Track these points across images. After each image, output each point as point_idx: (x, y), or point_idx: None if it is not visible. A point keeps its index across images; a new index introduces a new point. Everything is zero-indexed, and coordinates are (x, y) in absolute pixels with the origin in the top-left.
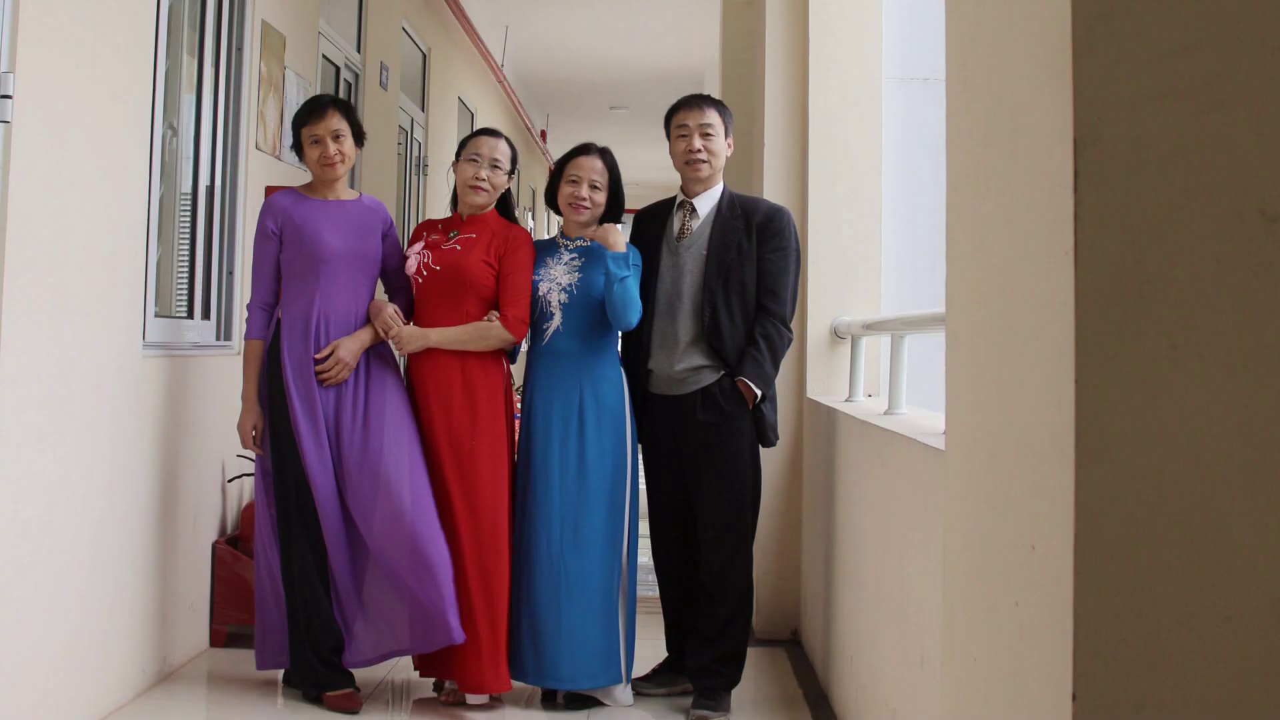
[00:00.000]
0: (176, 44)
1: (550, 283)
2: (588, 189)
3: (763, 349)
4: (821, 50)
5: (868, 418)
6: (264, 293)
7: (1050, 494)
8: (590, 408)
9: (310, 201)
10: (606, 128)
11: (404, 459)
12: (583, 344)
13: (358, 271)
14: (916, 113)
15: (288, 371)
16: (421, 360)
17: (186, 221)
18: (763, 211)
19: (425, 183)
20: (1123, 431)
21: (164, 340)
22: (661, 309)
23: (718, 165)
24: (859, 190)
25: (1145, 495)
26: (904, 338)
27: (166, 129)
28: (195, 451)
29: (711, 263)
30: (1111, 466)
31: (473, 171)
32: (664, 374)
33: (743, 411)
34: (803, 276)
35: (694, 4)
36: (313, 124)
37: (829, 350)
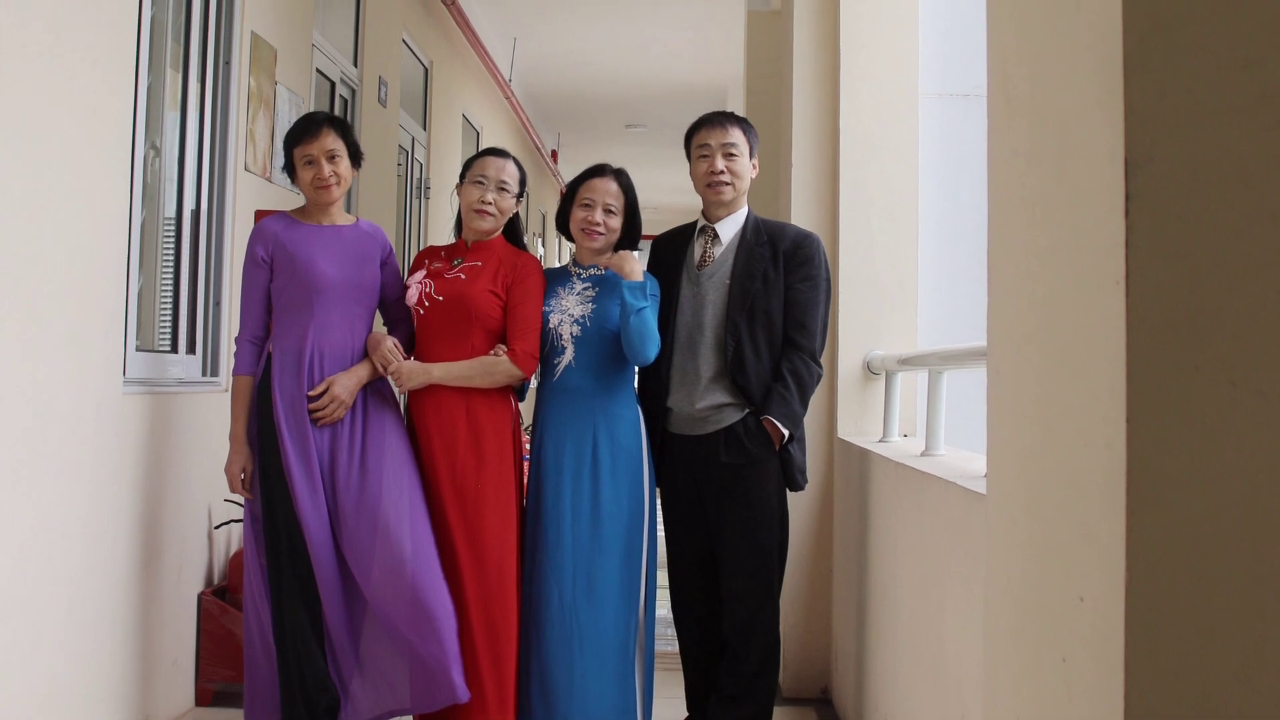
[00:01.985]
0: (159, 57)
1: (561, 314)
2: (602, 213)
3: (790, 386)
4: (853, 64)
5: (903, 459)
6: (253, 325)
7: (1100, 541)
8: (605, 449)
9: (303, 227)
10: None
11: (404, 504)
12: (596, 380)
13: (354, 302)
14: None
15: (279, 410)
16: (423, 398)
17: (170, 248)
18: (790, 238)
19: (427, 207)
20: (1178, 474)
21: (146, 376)
22: (681, 342)
23: (742, 188)
24: (894, 214)
25: (1202, 543)
26: (942, 373)
27: (149, 148)
28: (180, 496)
29: (735, 293)
30: (1166, 512)
31: (478, 195)
32: (684, 413)
33: (769, 453)
34: (833, 307)
35: (716, 14)
36: (306, 143)
37: (861, 387)
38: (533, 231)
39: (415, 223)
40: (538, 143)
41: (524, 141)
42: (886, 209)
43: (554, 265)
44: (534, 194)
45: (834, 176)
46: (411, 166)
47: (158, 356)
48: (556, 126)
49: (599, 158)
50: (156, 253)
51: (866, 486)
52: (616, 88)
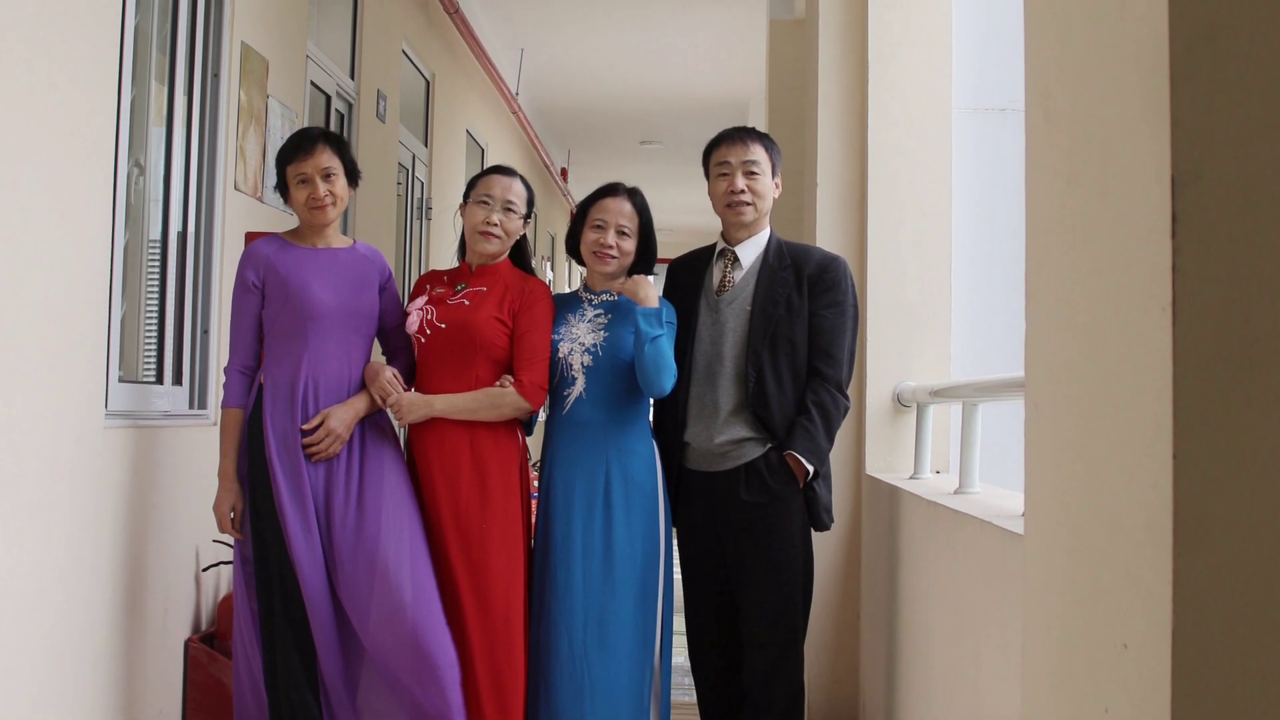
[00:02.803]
0: (143, 70)
1: (572, 343)
2: (615, 235)
3: (815, 419)
4: (883, 76)
5: (936, 497)
6: (244, 354)
7: (1145, 585)
8: (618, 486)
9: (297, 250)
10: (636, 165)
11: (404, 545)
12: (609, 413)
13: (351, 330)
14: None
15: (271, 445)
16: (424, 432)
17: (155, 273)
18: (815, 261)
19: (429, 228)
20: (1228, 514)
21: (129, 409)
22: (699, 373)
23: (764, 208)
24: (925, 237)
25: (1253, 587)
26: (977, 406)
27: (132, 167)
28: (165, 536)
29: (757, 320)
30: (1215, 554)
31: (483, 215)
32: (702, 447)
33: (792, 490)
34: (861, 335)
35: (737, 24)
36: (300, 161)
37: (891, 420)
38: (541, 255)
39: (416, 245)
40: (546, 160)
41: (532, 159)
42: (917, 230)
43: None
44: (542, 215)
45: (861, 196)
46: (412, 185)
47: (142, 388)
48: (566, 143)
49: (611, 176)
50: (140, 277)
51: (896, 526)
52: (630, 102)
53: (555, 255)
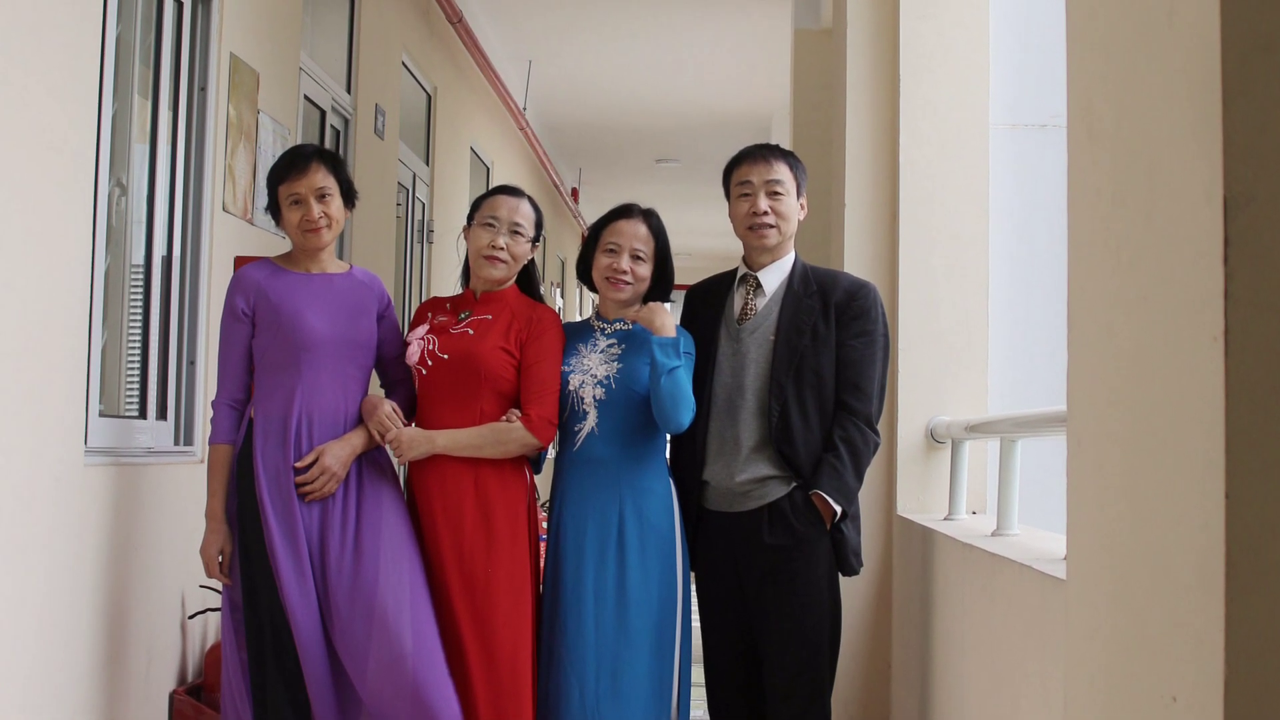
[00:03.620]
0: (125, 83)
1: (583, 375)
2: (629, 260)
3: (843, 456)
4: (915, 90)
5: (972, 540)
6: (233, 387)
7: (1195, 633)
8: (632, 528)
9: (289, 275)
10: (652, 185)
11: (404, 590)
12: (623, 450)
13: (347, 361)
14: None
15: (262, 483)
16: (426, 470)
17: (138, 300)
18: (843, 288)
19: (430, 252)
20: None
21: (111, 445)
22: (719, 407)
23: (788, 231)
24: (961, 261)
25: None
26: (1016, 442)
27: (114, 186)
28: (149, 581)
29: (781, 350)
30: (1270, 600)
31: (488, 239)
32: (722, 486)
33: (819, 533)
34: (892, 367)
35: (759, 34)
36: (293, 180)
37: (924, 457)
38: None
39: (417, 270)
40: (556, 180)
41: (540, 178)
42: (952, 255)
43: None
44: (552, 238)
45: (892, 218)
46: (412, 206)
47: (124, 423)
48: (577, 161)
49: (626, 196)
50: (122, 305)
51: (930, 570)
52: (646, 117)
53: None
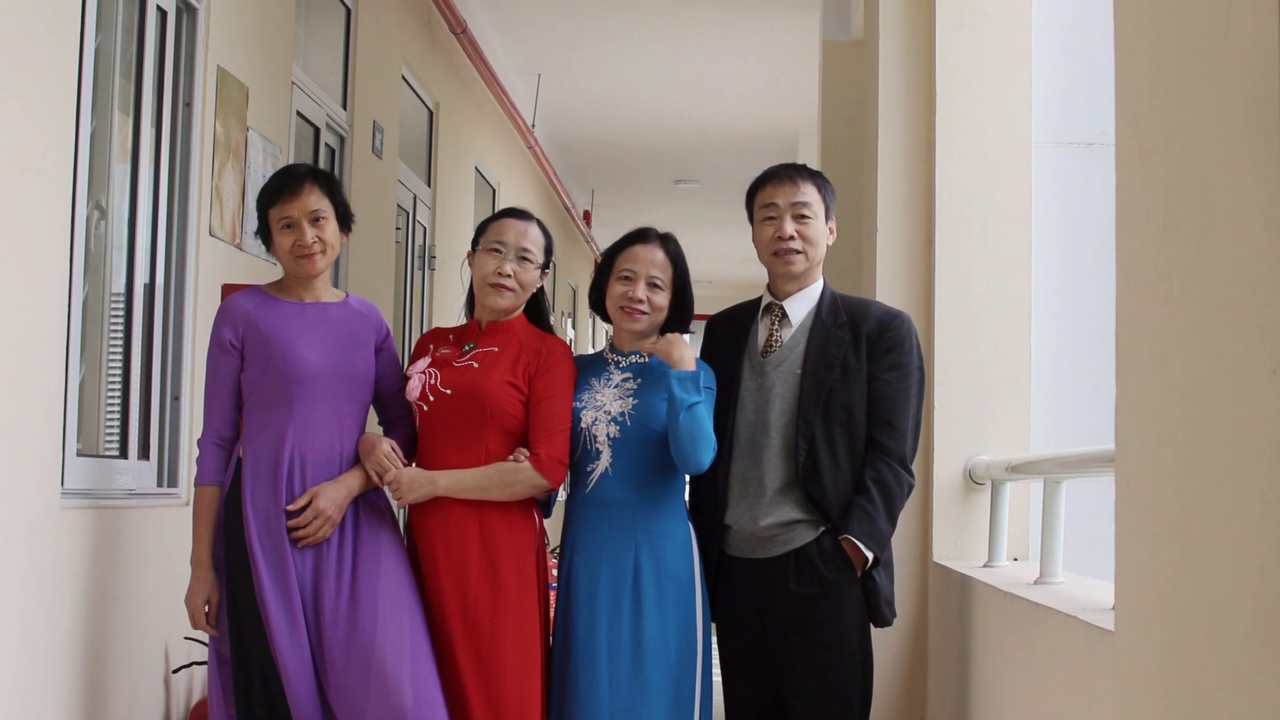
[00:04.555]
0: (105, 99)
1: (596, 411)
2: (645, 288)
3: (875, 498)
4: (952, 106)
5: (1013, 588)
6: (220, 424)
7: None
8: (649, 575)
9: (281, 304)
10: (670, 207)
11: (404, 642)
12: (638, 491)
13: (343, 396)
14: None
15: (251, 528)
16: (427, 513)
17: (119, 331)
18: (875, 318)
19: (432, 280)
20: None
21: (89, 486)
22: (742, 446)
23: (815, 257)
24: (1002, 289)
25: None
26: (1060, 483)
27: (93, 209)
28: (130, 633)
29: (808, 385)
30: None
31: (494, 265)
32: (746, 531)
33: (849, 580)
34: (927, 403)
35: (785, 45)
36: (284, 203)
37: (962, 500)
38: (561, 310)
39: (417, 299)
40: (567, 202)
41: (550, 200)
42: (992, 282)
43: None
44: (562, 264)
45: (928, 242)
46: (413, 230)
47: (103, 462)
48: (590, 182)
49: (642, 220)
50: (102, 336)
51: (968, 621)
52: (663, 135)
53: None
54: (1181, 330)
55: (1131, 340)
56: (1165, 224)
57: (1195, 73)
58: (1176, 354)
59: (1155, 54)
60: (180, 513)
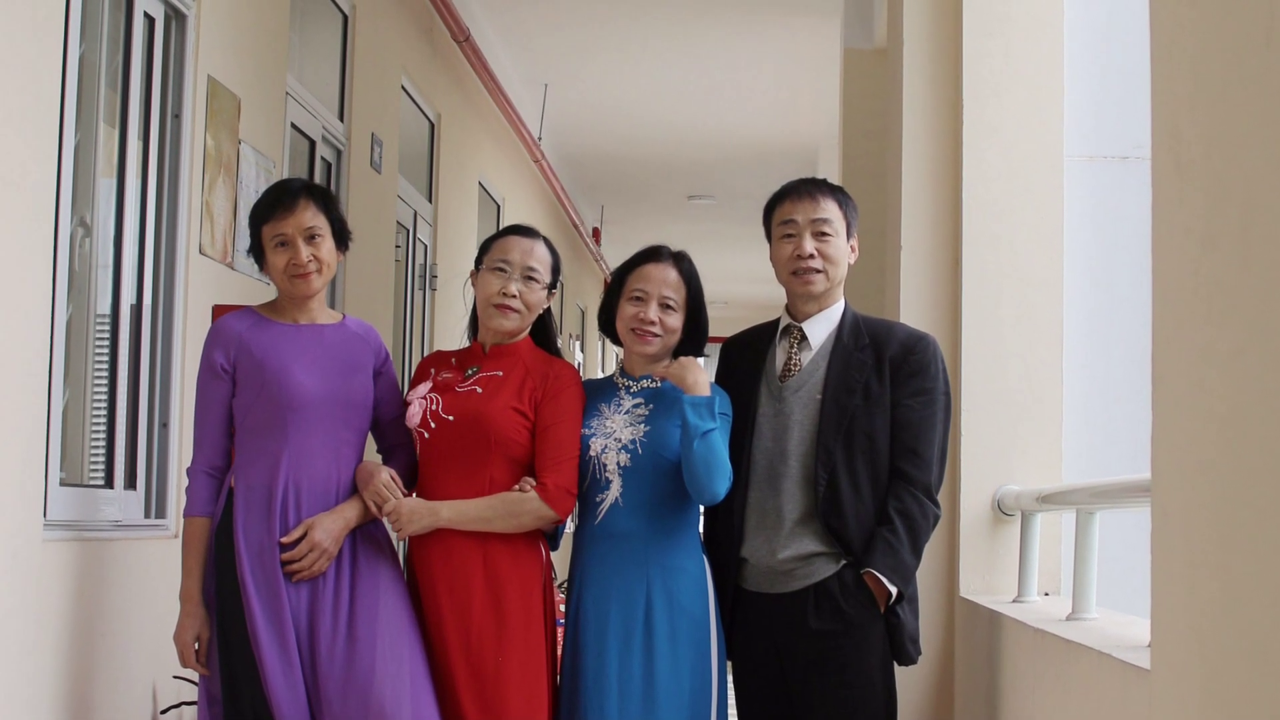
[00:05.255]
0: (90, 110)
1: (606, 438)
2: (657, 309)
3: (899, 530)
4: (980, 118)
5: (1044, 625)
6: (211, 453)
7: None
8: (660, 611)
9: (275, 326)
10: (683, 224)
11: (404, 682)
12: (650, 523)
13: (340, 423)
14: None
15: (243, 561)
16: (429, 546)
17: (104, 354)
18: (899, 341)
19: (433, 300)
20: None
21: (73, 517)
22: (760, 475)
23: (836, 276)
24: (1032, 310)
25: None
26: (1094, 514)
27: (76, 226)
28: (116, 671)
29: (829, 411)
30: None
31: (499, 285)
32: (763, 565)
33: (871, 616)
34: (954, 430)
35: (804, 54)
36: (278, 219)
37: (990, 532)
38: (569, 333)
39: (418, 321)
40: (575, 219)
41: (558, 217)
42: (1022, 302)
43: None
44: (570, 284)
45: (954, 261)
46: (413, 249)
47: (88, 492)
48: (599, 198)
49: (654, 237)
50: (86, 360)
51: (997, 659)
52: (676, 148)
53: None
54: (1221, 354)
55: (1168, 364)
56: (1204, 241)
57: (1236, 82)
58: (1216, 378)
59: (1194, 62)
60: (169, 545)
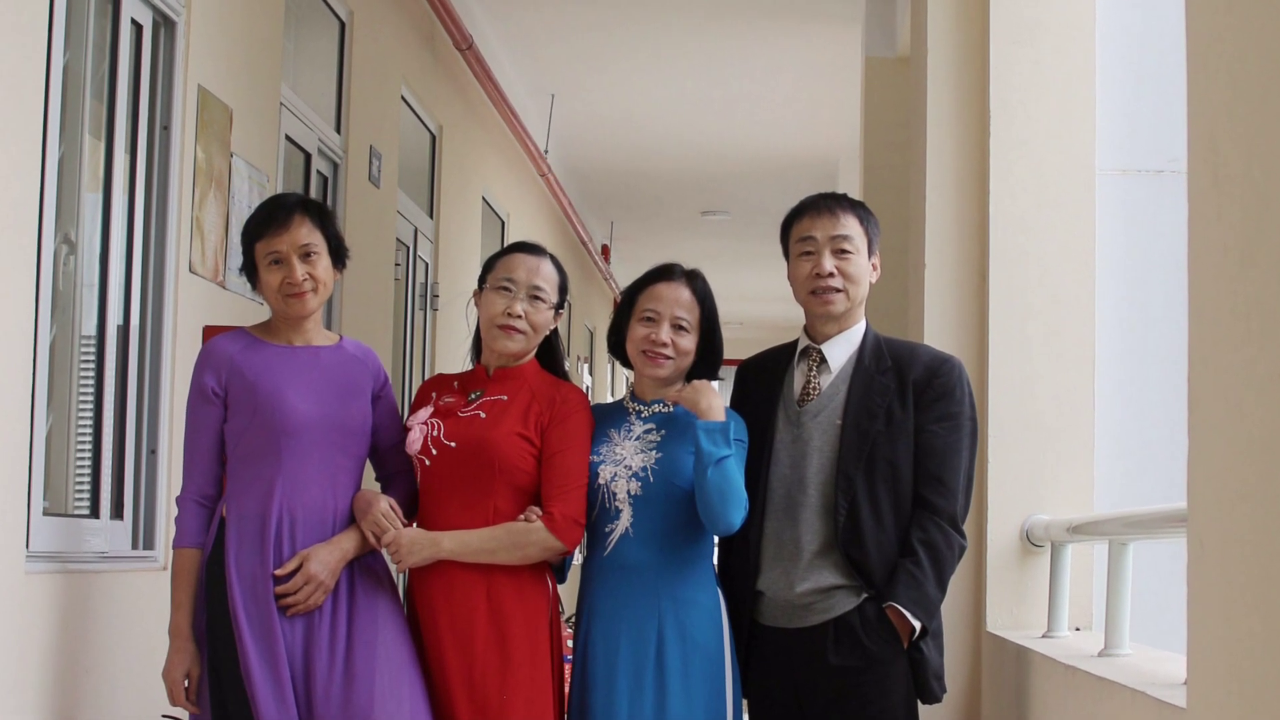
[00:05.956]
0: (74, 122)
1: (616, 466)
2: (669, 330)
3: (923, 562)
4: (1008, 129)
5: (1075, 661)
6: (201, 480)
7: None
8: (673, 646)
9: (268, 348)
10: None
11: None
12: (662, 554)
13: (336, 449)
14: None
15: (235, 594)
16: (430, 578)
17: (89, 377)
18: (923, 363)
19: (434, 321)
20: None
21: (56, 549)
22: (777, 504)
23: (857, 296)
24: (1062, 330)
25: None
26: (1127, 546)
27: (61, 243)
28: (102, 709)
29: (849, 437)
30: None
31: (503, 305)
32: (780, 598)
33: (894, 652)
34: (980, 457)
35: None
36: (272, 236)
37: (1018, 563)
38: (576, 355)
39: (419, 343)
40: (583, 235)
41: (565, 233)
42: (1052, 323)
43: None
44: (578, 304)
45: (982, 280)
46: (414, 267)
47: (72, 522)
48: (609, 213)
49: (666, 255)
50: (71, 383)
51: (1025, 697)
52: (689, 161)
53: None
54: (1261, 376)
55: (1205, 387)
56: (1243, 259)
57: (1277, 91)
58: (1255, 402)
59: (1232, 70)
60: (157, 577)
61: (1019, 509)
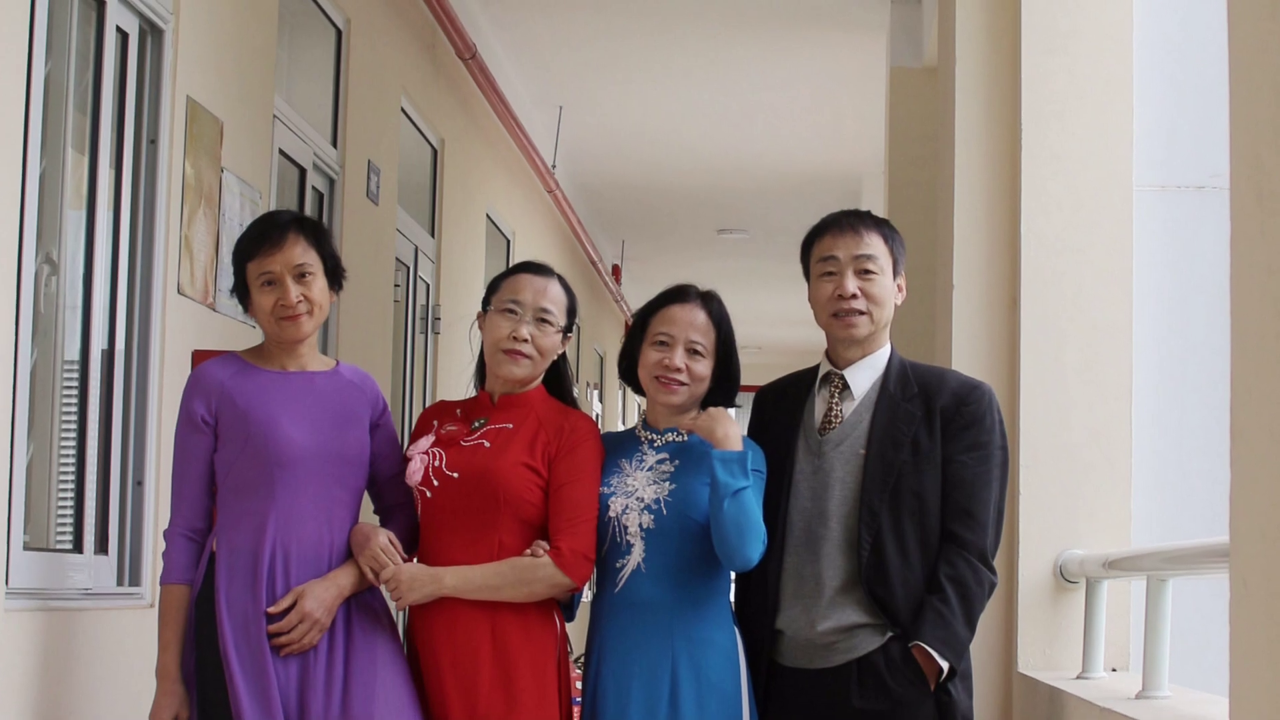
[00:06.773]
0: (56, 135)
1: (627, 498)
2: (684, 355)
3: (951, 599)
4: (1040, 144)
5: (1111, 703)
6: (190, 514)
7: None
8: (687, 688)
9: (261, 374)
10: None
11: None
12: (676, 591)
13: (333, 480)
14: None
15: (226, 633)
16: (431, 616)
17: (72, 405)
18: (951, 390)
19: (436, 345)
20: None
21: (38, 585)
22: (797, 538)
23: (882, 319)
24: (1098, 356)
25: None
26: (1166, 582)
27: (42, 263)
28: None
29: (873, 467)
30: None
31: (509, 329)
32: (801, 637)
33: (921, 694)
34: (1011, 489)
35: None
36: (265, 256)
37: (1052, 601)
38: (586, 381)
39: (419, 368)
40: (593, 255)
41: (573, 253)
42: (1087, 347)
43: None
44: (588, 327)
45: (1013, 302)
46: (414, 288)
47: (54, 557)
48: (619, 232)
49: (680, 276)
50: (53, 411)
51: None
52: (704, 177)
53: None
54: None
55: (1249, 416)
56: None
57: None
58: None
59: (1277, 82)
60: (144, 615)
61: (1052, 544)
